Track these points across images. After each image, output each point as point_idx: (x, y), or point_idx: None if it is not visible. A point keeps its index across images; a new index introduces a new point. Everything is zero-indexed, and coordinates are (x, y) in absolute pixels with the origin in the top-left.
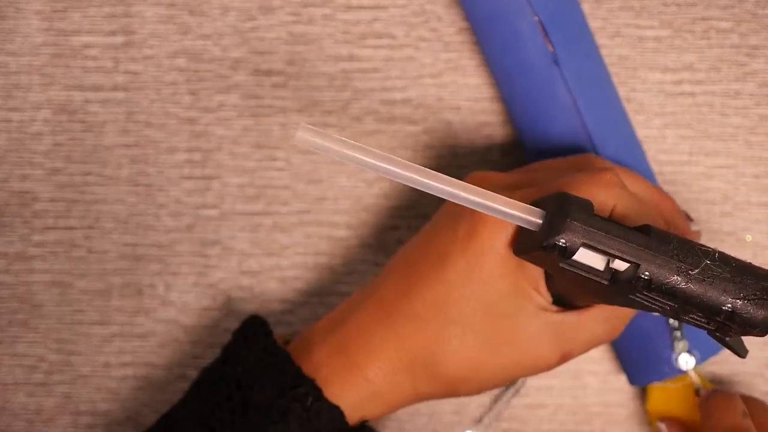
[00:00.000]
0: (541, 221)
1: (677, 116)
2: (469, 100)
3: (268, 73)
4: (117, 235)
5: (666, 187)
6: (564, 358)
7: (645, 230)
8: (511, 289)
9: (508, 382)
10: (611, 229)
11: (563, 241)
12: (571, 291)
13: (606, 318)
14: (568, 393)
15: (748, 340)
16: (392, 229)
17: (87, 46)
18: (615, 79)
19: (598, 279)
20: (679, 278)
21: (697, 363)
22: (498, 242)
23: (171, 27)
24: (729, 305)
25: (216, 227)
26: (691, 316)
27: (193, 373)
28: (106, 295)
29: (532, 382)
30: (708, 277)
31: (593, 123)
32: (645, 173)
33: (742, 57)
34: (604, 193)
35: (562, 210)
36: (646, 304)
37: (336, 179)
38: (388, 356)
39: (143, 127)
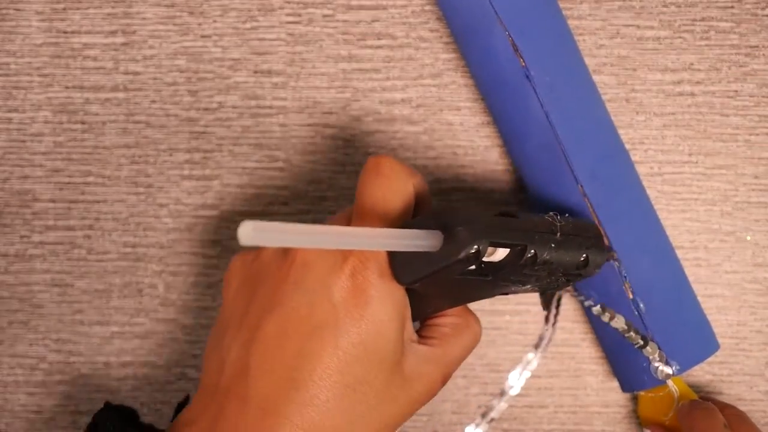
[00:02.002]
0: (442, 239)
1: (677, 116)
2: (469, 100)
3: (268, 73)
4: (117, 235)
5: (666, 187)
6: (445, 381)
7: (507, 214)
8: (398, 332)
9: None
10: (497, 222)
11: (476, 247)
12: (429, 305)
13: (466, 323)
14: (568, 393)
15: (752, 337)
16: None
17: (87, 46)
18: (614, 80)
19: (482, 277)
20: (552, 247)
21: (675, 374)
22: (383, 284)
23: (171, 27)
24: (583, 256)
25: (216, 227)
26: (553, 278)
27: (194, 373)
28: (106, 295)
29: (533, 382)
30: (565, 240)
31: (566, 137)
32: (631, 183)
33: (742, 57)
34: (402, 181)
35: (454, 221)
36: (519, 283)
37: (336, 179)
38: None
39: (143, 127)
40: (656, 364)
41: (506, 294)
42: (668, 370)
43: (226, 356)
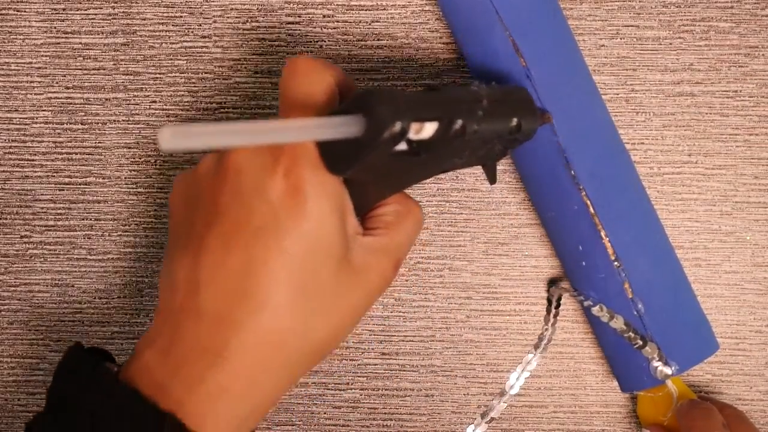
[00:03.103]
0: (364, 122)
1: (677, 116)
2: None
3: (268, 73)
4: (117, 235)
5: (666, 188)
6: (397, 269)
7: (432, 89)
8: (340, 225)
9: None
10: (419, 97)
11: (399, 124)
12: (369, 195)
13: (407, 209)
14: (568, 393)
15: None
16: None
17: (87, 46)
18: (614, 80)
19: (415, 156)
20: (480, 115)
21: (674, 374)
22: (318, 178)
23: (171, 27)
24: (514, 121)
25: None
26: (489, 147)
27: None
28: (106, 295)
29: (532, 382)
30: (492, 107)
31: (566, 137)
32: (631, 183)
33: (742, 57)
34: (319, 73)
35: (373, 101)
36: (455, 159)
37: None
38: (245, 365)
39: (143, 127)
40: (655, 364)
41: (446, 171)
42: (667, 370)
43: (176, 276)
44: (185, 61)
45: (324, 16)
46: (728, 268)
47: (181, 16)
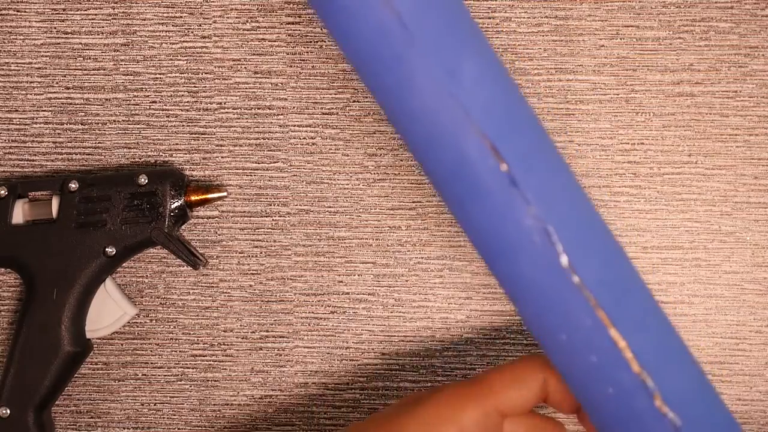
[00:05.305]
0: None
1: (677, 116)
2: None
3: (268, 73)
4: None
5: (665, 188)
6: None
7: None
8: None
9: None
10: None
11: None
12: None
13: None
14: None
15: (752, 337)
16: (392, 229)
17: (87, 46)
18: (614, 81)
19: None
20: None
21: None
22: None
23: (171, 27)
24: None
25: (216, 227)
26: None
27: (194, 373)
28: None
29: None
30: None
31: (571, 248)
32: (639, 284)
33: (742, 57)
34: None
35: None
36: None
37: (336, 179)
38: None
39: (143, 127)
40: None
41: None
42: None
43: None
44: (185, 61)
45: None
46: (728, 268)
47: (181, 16)
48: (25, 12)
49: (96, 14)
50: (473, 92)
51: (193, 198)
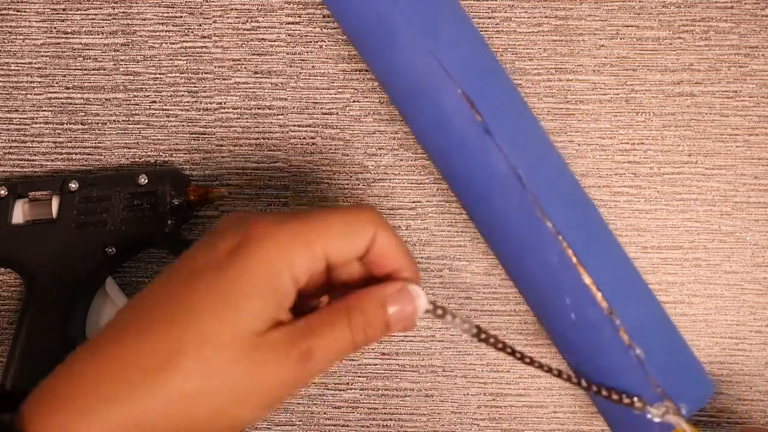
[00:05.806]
0: None
1: (676, 116)
2: None
3: (268, 73)
4: None
5: (665, 188)
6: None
7: None
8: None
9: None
10: None
11: None
12: None
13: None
14: (568, 393)
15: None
16: None
17: (87, 46)
18: (614, 81)
19: None
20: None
21: (686, 415)
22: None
23: (171, 27)
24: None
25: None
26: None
27: None
28: None
29: (532, 382)
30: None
31: (537, 188)
32: (601, 225)
33: (742, 57)
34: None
35: None
36: None
37: (336, 179)
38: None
39: (143, 127)
40: (662, 412)
41: None
42: (675, 418)
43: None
44: (185, 61)
45: (324, 16)
46: (728, 268)
47: (181, 16)
48: (25, 12)
49: (96, 14)
50: (450, 51)
51: (193, 198)
